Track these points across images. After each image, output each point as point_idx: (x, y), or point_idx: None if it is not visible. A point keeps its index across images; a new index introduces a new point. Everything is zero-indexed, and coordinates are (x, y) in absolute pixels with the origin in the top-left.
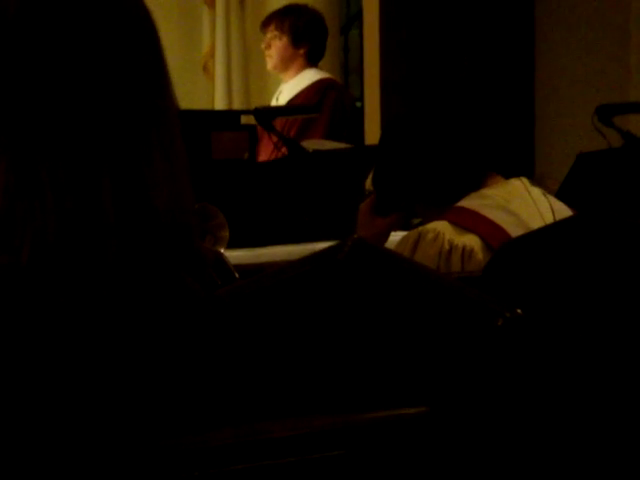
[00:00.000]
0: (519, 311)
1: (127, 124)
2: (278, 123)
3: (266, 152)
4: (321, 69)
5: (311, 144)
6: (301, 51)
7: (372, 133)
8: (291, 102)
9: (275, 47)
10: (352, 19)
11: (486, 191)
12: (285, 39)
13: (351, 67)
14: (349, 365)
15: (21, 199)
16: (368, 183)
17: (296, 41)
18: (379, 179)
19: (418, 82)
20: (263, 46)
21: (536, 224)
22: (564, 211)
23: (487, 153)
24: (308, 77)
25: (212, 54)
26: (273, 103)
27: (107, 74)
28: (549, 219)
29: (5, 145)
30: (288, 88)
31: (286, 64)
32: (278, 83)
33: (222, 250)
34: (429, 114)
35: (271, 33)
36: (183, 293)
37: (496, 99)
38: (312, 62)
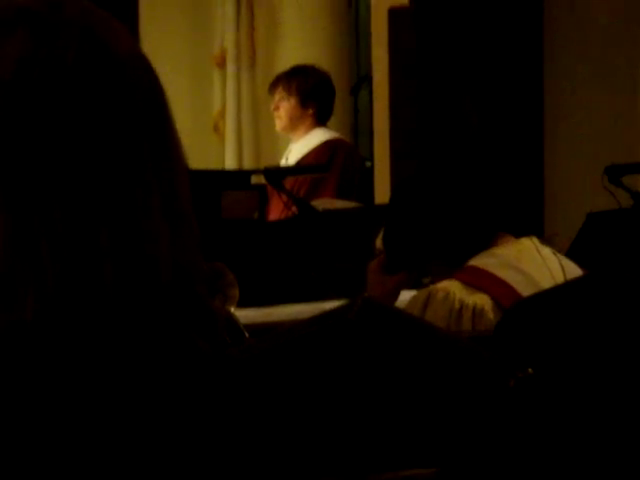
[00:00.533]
0: (531, 371)
1: (127, 182)
2: (288, 183)
3: (276, 211)
4: (330, 129)
5: (321, 203)
6: (309, 111)
7: (382, 193)
8: (300, 162)
9: (283, 108)
10: (361, 80)
11: (496, 250)
12: (293, 100)
13: (361, 127)
14: (361, 425)
15: (20, 257)
16: (378, 242)
17: (304, 102)
18: (389, 238)
19: (428, 142)
20: (272, 108)
21: (547, 283)
22: (575, 270)
23: (497, 212)
24: (317, 137)
25: (223, 114)
26: (282, 163)
27: (107, 133)
28: (560, 278)
29: (3, 201)
30: (297, 148)
31: (295, 125)
32: (288, 143)
33: (232, 309)
34: (439, 174)
35: (279, 95)
36: (192, 353)
37: (505, 158)
38: (321, 122)
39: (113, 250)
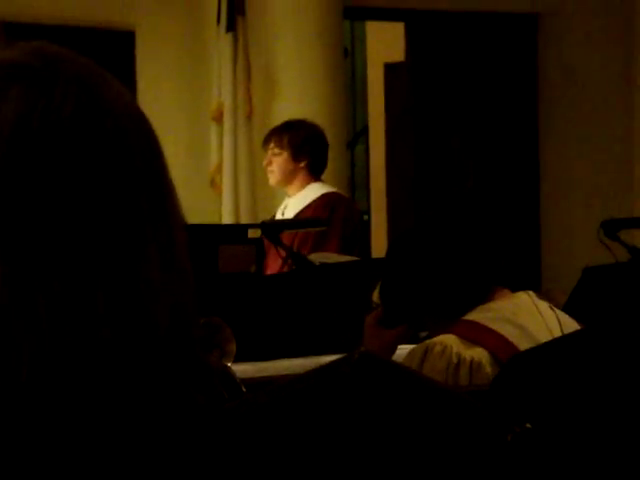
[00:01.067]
0: (528, 425)
1: (124, 237)
2: (288, 238)
3: (273, 265)
4: (325, 182)
5: (317, 257)
6: (302, 164)
7: (379, 246)
8: (298, 216)
9: (276, 163)
10: (358, 134)
11: (493, 304)
12: (285, 154)
13: (357, 181)
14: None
15: (16, 314)
16: (375, 296)
17: (296, 155)
18: (386, 292)
19: (425, 196)
20: (265, 163)
21: (544, 337)
22: (571, 325)
23: (493, 267)
24: (313, 191)
25: (220, 169)
26: (278, 217)
27: (104, 188)
28: (557, 332)
29: (0, 260)
30: (294, 202)
31: (288, 179)
32: (285, 197)
33: (229, 363)
34: (435, 229)
35: (271, 150)
36: (190, 409)
37: (502, 212)
38: (315, 175)
39: (110, 306)
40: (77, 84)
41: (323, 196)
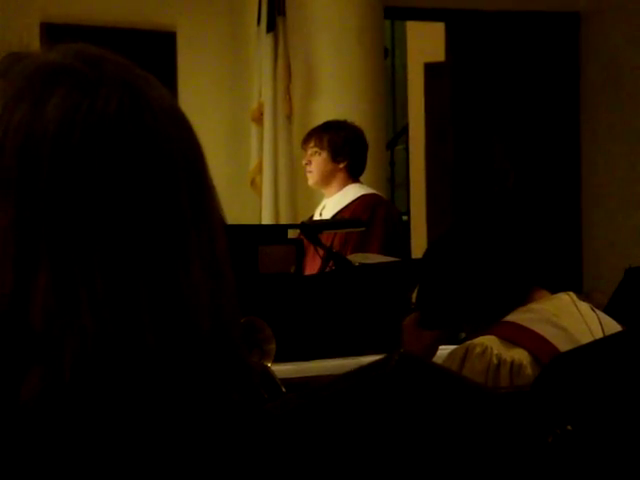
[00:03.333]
0: (569, 427)
1: (167, 236)
2: (326, 240)
3: (312, 266)
4: (364, 184)
5: (357, 258)
6: (341, 165)
7: (419, 247)
8: (336, 217)
9: (315, 163)
10: (398, 135)
11: (534, 305)
12: (324, 154)
13: (397, 181)
14: (400, 478)
15: (59, 313)
16: (414, 296)
17: (335, 156)
18: (424, 295)
19: (464, 196)
20: (304, 162)
21: (585, 339)
22: (613, 326)
23: (533, 268)
24: (352, 192)
25: (260, 169)
26: (316, 217)
27: (147, 187)
28: (598, 334)
29: (45, 257)
30: (332, 203)
31: (327, 179)
32: (324, 198)
33: (269, 364)
34: (474, 229)
35: (311, 149)
36: (230, 409)
37: (543, 214)
38: (353, 176)
39: (154, 308)
40: (120, 85)
41: (362, 198)
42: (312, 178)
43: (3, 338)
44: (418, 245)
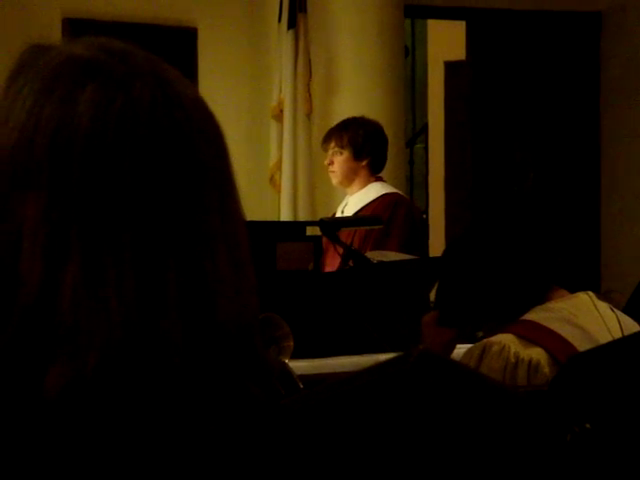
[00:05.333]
0: (588, 426)
1: (195, 229)
2: (346, 237)
3: (333, 263)
4: (386, 182)
5: (375, 255)
6: (363, 163)
7: (437, 245)
8: (357, 215)
9: (337, 163)
10: (417, 133)
11: (552, 304)
12: (346, 153)
13: (416, 180)
14: (417, 476)
15: (88, 311)
16: (432, 294)
17: (357, 154)
18: (443, 293)
19: (483, 194)
20: (326, 162)
21: (603, 338)
22: (632, 326)
23: (552, 267)
24: (374, 191)
25: (279, 167)
26: (338, 214)
27: (179, 180)
28: (617, 334)
29: (76, 249)
30: (354, 201)
31: (350, 178)
32: (343, 195)
33: (286, 360)
34: (493, 228)
35: (332, 149)
36: (249, 404)
37: (561, 213)
38: (375, 172)
39: (181, 301)
40: (152, 79)
41: (384, 196)
42: (335, 178)
43: (30, 329)
44: (436, 243)
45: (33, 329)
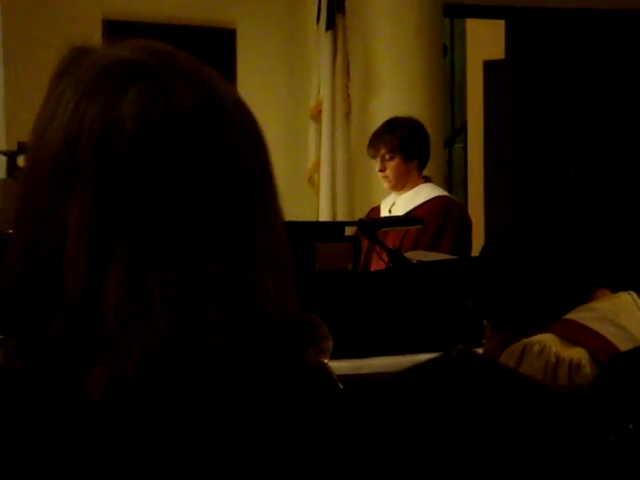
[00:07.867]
0: (631, 426)
1: (237, 229)
2: (394, 241)
3: (378, 264)
4: (434, 184)
5: (414, 255)
6: (414, 163)
7: (476, 245)
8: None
9: (390, 167)
10: (456, 133)
11: (594, 304)
12: (398, 157)
13: (455, 180)
14: (458, 476)
15: (131, 312)
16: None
17: (408, 156)
18: (482, 295)
19: (523, 193)
20: (377, 169)
21: None
22: None
23: (594, 266)
24: (425, 192)
25: (317, 167)
26: (384, 214)
27: (222, 181)
28: None
29: (122, 254)
30: (403, 201)
31: (403, 181)
32: (381, 195)
33: (326, 360)
34: (534, 227)
35: (382, 155)
36: (288, 403)
37: (605, 211)
38: (422, 169)
39: (223, 301)
40: (194, 82)
41: (436, 199)
42: (389, 183)
43: (74, 329)
44: (476, 244)
45: (77, 329)
